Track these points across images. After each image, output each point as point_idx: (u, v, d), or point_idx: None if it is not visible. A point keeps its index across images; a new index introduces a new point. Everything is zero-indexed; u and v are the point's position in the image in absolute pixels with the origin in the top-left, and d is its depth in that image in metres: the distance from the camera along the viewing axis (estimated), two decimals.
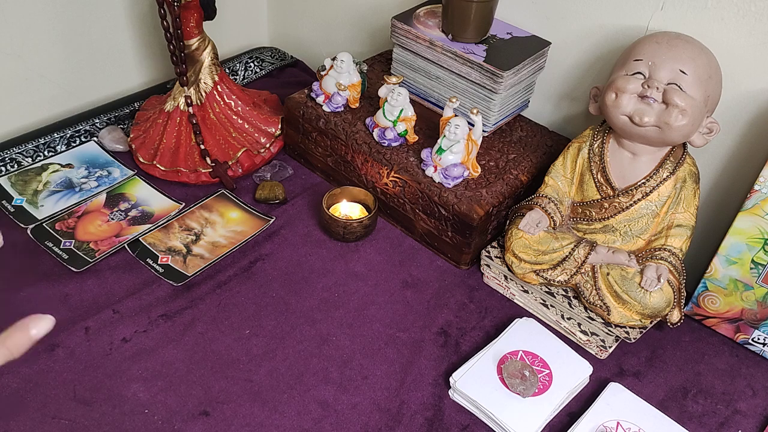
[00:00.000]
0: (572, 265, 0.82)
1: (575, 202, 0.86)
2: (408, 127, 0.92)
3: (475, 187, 0.88)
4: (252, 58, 1.27)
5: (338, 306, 0.84)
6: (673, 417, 0.75)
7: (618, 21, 0.88)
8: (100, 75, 1.14)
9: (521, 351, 0.79)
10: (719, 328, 0.85)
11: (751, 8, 0.77)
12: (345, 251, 0.92)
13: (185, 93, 0.97)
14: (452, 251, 0.91)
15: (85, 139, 1.05)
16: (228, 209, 0.96)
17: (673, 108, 0.73)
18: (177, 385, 0.74)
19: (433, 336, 0.82)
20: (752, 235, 0.77)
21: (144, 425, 0.70)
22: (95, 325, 0.79)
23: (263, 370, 0.76)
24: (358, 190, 0.95)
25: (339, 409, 0.73)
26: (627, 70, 0.77)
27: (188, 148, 1.00)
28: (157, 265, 0.86)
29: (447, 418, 0.73)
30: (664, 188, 0.80)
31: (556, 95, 1.01)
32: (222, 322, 0.81)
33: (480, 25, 0.91)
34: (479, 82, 0.91)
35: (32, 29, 1.01)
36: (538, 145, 0.96)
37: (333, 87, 0.96)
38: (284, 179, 1.03)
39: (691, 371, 0.81)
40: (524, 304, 0.87)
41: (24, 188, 0.95)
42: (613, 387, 0.77)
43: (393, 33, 0.97)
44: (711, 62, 0.76)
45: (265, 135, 1.05)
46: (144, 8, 1.12)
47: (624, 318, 0.80)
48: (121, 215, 0.93)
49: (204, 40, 0.97)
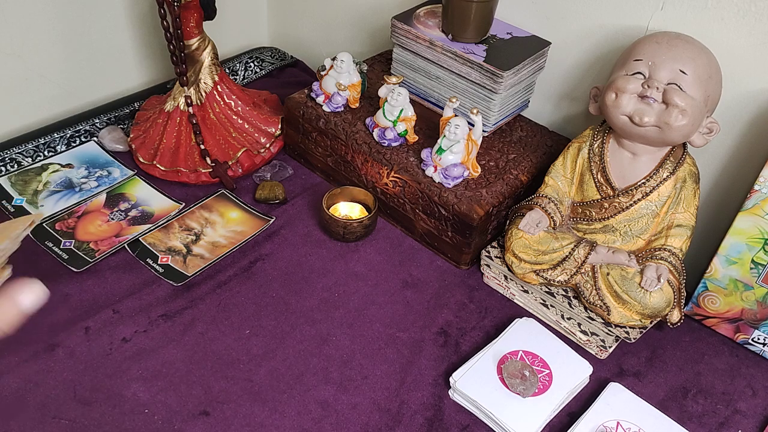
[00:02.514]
0: (572, 265, 0.82)
1: (575, 202, 0.86)
2: (408, 127, 0.92)
3: (475, 187, 0.88)
4: (252, 58, 1.27)
5: (338, 306, 0.85)
6: (673, 417, 0.75)
7: (618, 21, 0.88)
8: (100, 75, 1.14)
9: (521, 351, 0.79)
10: (719, 328, 0.85)
11: (751, 8, 0.77)
12: (345, 251, 0.92)
13: (185, 93, 0.97)
14: (452, 251, 0.91)
15: (85, 139, 1.05)
16: (228, 209, 0.96)
17: (673, 108, 0.73)
18: (177, 385, 0.74)
19: (433, 336, 0.82)
20: (752, 235, 0.77)
21: (144, 425, 0.70)
22: (95, 325, 0.79)
23: (263, 370, 0.76)
24: (358, 190, 0.95)
25: (339, 409, 0.73)
26: (627, 70, 0.77)
27: (188, 148, 1.00)
28: (157, 265, 0.86)
29: (447, 418, 0.73)
30: (664, 188, 0.80)
31: (556, 95, 1.01)
32: (222, 322, 0.81)
33: (480, 25, 0.91)
34: (479, 82, 0.91)
35: (32, 29, 1.01)
36: (538, 145, 0.96)
37: (333, 87, 0.96)
38: (284, 179, 1.03)
39: (691, 371, 0.81)
40: (524, 304, 0.87)
41: (24, 188, 0.95)
42: (613, 387, 0.77)
43: (393, 33, 0.97)
44: (711, 62, 0.76)
45: (265, 135, 1.05)
46: (144, 8, 1.12)
47: (624, 318, 0.80)
48: (121, 215, 0.93)
49: (204, 40, 0.97)
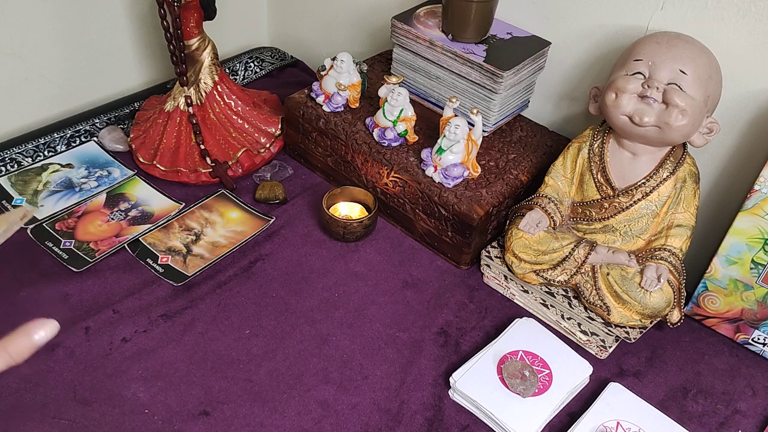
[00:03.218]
0: (572, 265, 0.82)
1: (575, 202, 0.86)
2: (408, 127, 0.92)
3: (475, 187, 0.88)
4: (252, 58, 1.27)
5: (338, 306, 0.84)
6: (673, 417, 0.75)
7: (618, 21, 0.88)
8: (100, 75, 1.14)
9: (521, 351, 0.79)
10: (719, 328, 0.85)
11: (751, 8, 0.77)
12: (345, 251, 0.92)
13: (185, 93, 0.97)
14: (452, 251, 0.91)
15: (85, 139, 1.05)
16: (228, 209, 0.96)
17: (673, 108, 0.73)
18: (177, 385, 0.74)
19: (433, 336, 0.82)
20: (752, 235, 0.77)
21: (144, 425, 0.70)
22: (95, 325, 0.79)
23: (263, 370, 0.76)
24: (358, 190, 0.95)
25: (339, 409, 0.73)
26: (627, 70, 0.77)
27: (188, 148, 1.00)
28: (157, 265, 0.86)
29: (447, 418, 0.73)
30: (664, 188, 0.80)
31: (556, 95, 1.01)
32: (222, 322, 0.81)
33: (480, 25, 0.91)
34: (479, 82, 0.91)
35: (32, 29, 1.01)
36: (538, 145, 0.96)
37: (333, 87, 0.96)
38: (284, 179, 1.03)
39: (691, 371, 0.81)
40: (524, 304, 0.87)
41: (24, 188, 0.95)
42: (613, 387, 0.77)
43: (393, 33, 0.97)
44: (711, 62, 0.76)
45: (265, 135, 1.05)
46: (144, 8, 1.12)
47: (624, 318, 0.80)
48: (121, 215, 0.93)
49: (204, 40, 0.97)
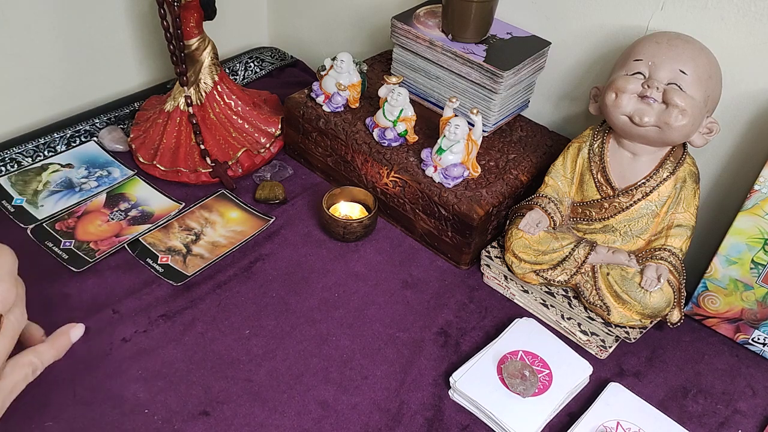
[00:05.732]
0: (572, 265, 0.82)
1: (575, 202, 0.86)
2: (408, 127, 0.92)
3: (475, 187, 0.88)
4: (252, 58, 1.27)
5: (338, 306, 0.84)
6: (673, 417, 0.75)
7: (618, 21, 0.88)
8: (100, 75, 1.14)
9: (521, 351, 0.79)
10: (719, 328, 0.85)
11: (751, 8, 0.77)
12: (345, 251, 0.92)
13: (185, 93, 0.97)
14: (452, 251, 0.91)
15: (85, 139, 1.05)
16: (228, 209, 0.96)
17: (673, 108, 0.73)
18: (177, 385, 0.74)
19: (433, 336, 0.82)
20: (752, 235, 0.77)
21: (144, 425, 0.70)
22: (95, 325, 0.79)
23: (263, 370, 0.76)
24: (358, 190, 0.95)
25: (339, 409, 0.73)
26: (627, 70, 0.77)
27: (188, 148, 1.00)
28: (157, 265, 0.86)
29: (447, 418, 0.73)
30: (664, 188, 0.80)
31: (556, 95, 1.01)
32: (222, 322, 0.81)
33: (480, 25, 0.91)
34: (479, 82, 0.91)
35: (32, 29, 1.01)
36: (538, 145, 0.96)
37: (333, 87, 0.96)
38: (284, 179, 1.03)
39: (691, 371, 0.81)
40: (524, 304, 0.87)
41: (24, 188, 0.95)
42: (613, 387, 0.77)
43: (393, 33, 0.97)
44: (711, 62, 0.76)
45: (265, 135, 1.05)
46: (144, 8, 1.12)
47: (624, 318, 0.80)
48: (121, 215, 0.93)
49: (204, 40, 0.97)
